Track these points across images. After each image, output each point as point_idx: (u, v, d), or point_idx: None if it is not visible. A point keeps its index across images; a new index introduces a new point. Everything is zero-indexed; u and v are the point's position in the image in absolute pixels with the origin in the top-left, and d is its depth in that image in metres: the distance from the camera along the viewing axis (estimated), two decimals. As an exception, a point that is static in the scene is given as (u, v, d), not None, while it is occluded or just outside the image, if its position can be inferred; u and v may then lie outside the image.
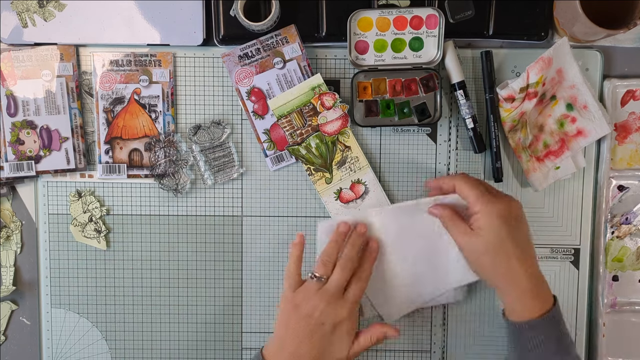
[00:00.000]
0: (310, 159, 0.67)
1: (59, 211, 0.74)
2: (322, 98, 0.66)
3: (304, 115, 0.67)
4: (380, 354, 0.76)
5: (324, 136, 0.67)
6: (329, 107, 0.67)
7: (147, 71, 0.72)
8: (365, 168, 0.68)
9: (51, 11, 0.71)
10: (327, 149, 0.67)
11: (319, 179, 0.69)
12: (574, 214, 0.74)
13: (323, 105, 0.66)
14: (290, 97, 0.67)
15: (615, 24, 0.65)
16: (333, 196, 0.70)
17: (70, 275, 0.75)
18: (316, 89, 0.67)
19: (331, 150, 0.67)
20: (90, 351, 0.76)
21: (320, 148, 0.67)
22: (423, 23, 0.70)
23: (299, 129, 0.67)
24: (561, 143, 0.71)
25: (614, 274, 0.75)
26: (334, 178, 0.68)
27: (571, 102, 0.71)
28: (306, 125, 0.67)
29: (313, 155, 0.67)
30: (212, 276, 0.75)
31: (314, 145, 0.67)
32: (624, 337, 0.75)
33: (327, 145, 0.67)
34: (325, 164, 0.68)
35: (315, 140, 0.67)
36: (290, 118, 0.66)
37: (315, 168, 0.68)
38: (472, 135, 0.72)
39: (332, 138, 0.67)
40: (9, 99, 0.72)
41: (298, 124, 0.67)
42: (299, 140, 0.67)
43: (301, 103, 0.67)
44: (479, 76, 0.73)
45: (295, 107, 0.67)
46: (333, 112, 0.67)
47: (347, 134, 0.68)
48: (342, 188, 0.69)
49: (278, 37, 0.71)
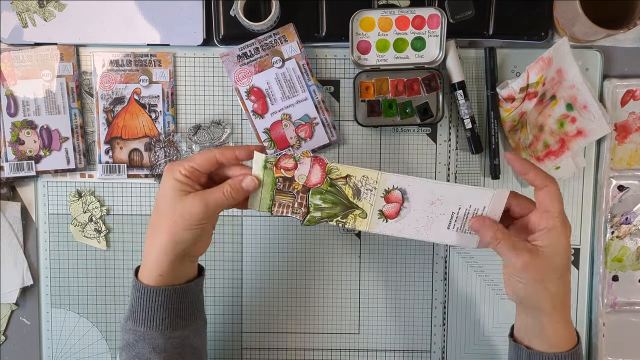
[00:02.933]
0: (330, 214, 0.60)
1: (59, 211, 0.74)
2: (280, 166, 0.58)
3: (284, 190, 0.59)
4: (380, 354, 0.76)
5: (319, 187, 0.59)
6: (295, 166, 0.58)
7: (147, 71, 0.72)
8: (380, 176, 0.59)
9: (51, 11, 0.71)
10: (333, 194, 0.59)
11: (355, 221, 0.60)
12: (574, 214, 0.74)
13: (288, 169, 0.58)
14: (258, 191, 0.59)
15: (615, 24, 0.65)
16: (381, 222, 0.60)
17: (70, 275, 0.75)
18: (268, 165, 0.58)
19: (337, 191, 0.60)
20: (90, 351, 0.76)
21: (327, 199, 0.59)
22: (425, 23, 0.70)
23: (294, 203, 0.59)
24: (561, 143, 0.71)
25: (614, 274, 0.75)
26: (365, 207, 0.59)
27: (571, 102, 0.71)
28: (297, 196, 0.59)
29: (329, 209, 0.60)
30: (212, 276, 0.75)
31: (320, 202, 0.59)
32: (624, 337, 0.75)
33: (330, 191, 0.59)
34: (345, 205, 0.60)
35: (316, 198, 0.59)
36: (276, 202, 0.59)
37: (342, 216, 0.60)
38: (469, 136, 0.72)
39: (326, 183, 0.59)
40: (9, 99, 0.72)
41: (289, 201, 0.59)
42: (304, 210, 0.59)
43: (271, 185, 0.59)
44: (479, 76, 0.73)
45: (270, 193, 0.59)
46: (303, 166, 0.59)
47: (335, 167, 0.59)
48: (380, 210, 0.60)
49: (276, 36, 0.71)
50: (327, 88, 0.73)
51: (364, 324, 0.76)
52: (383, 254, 0.75)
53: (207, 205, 0.55)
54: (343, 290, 0.76)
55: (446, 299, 0.76)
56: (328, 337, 0.76)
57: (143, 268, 0.58)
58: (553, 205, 0.55)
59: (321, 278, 0.76)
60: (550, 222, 0.54)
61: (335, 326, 0.76)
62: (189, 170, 0.56)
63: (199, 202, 0.55)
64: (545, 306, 0.55)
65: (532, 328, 0.58)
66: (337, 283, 0.76)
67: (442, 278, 0.75)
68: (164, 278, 0.57)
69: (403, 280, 0.76)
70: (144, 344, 0.57)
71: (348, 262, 0.75)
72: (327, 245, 0.75)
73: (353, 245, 0.75)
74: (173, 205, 0.56)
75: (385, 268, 0.75)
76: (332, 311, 0.76)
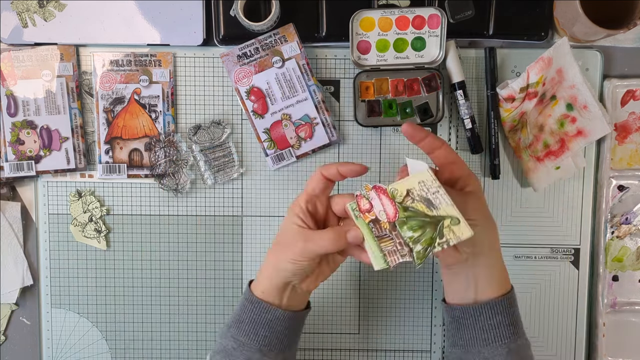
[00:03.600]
0: (428, 240, 0.53)
1: (59, 211, 0.74)
2: (362, 210, 0.55)
3: (381, 236, 0.55)
4: (380, 354, 0.76)
5: (400, 218, 0.54)
6: (370, 205, 0.55)
7: (147, 71, 0.72)
8: (430, 174, 0.53)
9: (51, 11, 0.71)
10: (414, 218, 0.54)
11: (453, 232, 0.52)
12: (574, 214, 0.74)
13: (369, 211, 0.55)
14: (368, 246, 0.55)
15: (615, 24, 0.65)
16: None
17: (70, 275, 0.75)
18: (356, 213, 0.55)
19: (414, 213, 0.54)
20: (90, 351, 0.76)
21: (413, 226, 0.54)
22: (425, 23, 0.70)
23: (396, 245, 0.55)
24: (561, 143, 0.71)
25: (614, 274, 0.75)
26: (449, 212, 0.53)
27: (571, 102, 0.71)
28: (393, 236, 0.55)
29: (423, 235, 0.54)
30: (212, 276, 0.75)
31: (412, 233, 0.54)
32: (624, 337, 0.75)
33: (410, 216, 0.54)
34: (431, 222, 0.53)
35: (405, 230, 0.54)
36: (385, 252, 0.55)
37: (439, 235, 0.53)
38: (469, 136, 0.72)
39: (401, 210, 0.53)
40: (9, 99, 0.72)
41: (391, 246, 0.55)
42: (407, 248, 0.54)
43: (370, 234, 0.55)
44: (479, 76, 0.73)
45: (374, 243, 0.55)
46: (375, 201, 0.55)
47: (394, 189, 0.54)
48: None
49: (276, 36, 0.71)
50: (327, 88, 0.73)
51: (364, 324, 0.76)
52: (383, 254, 0.75)
53: (308, 246, 0.56)
54: (343, 290, 0.76)
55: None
56: (328, 337, 0.76)
57: (257, 283, 0.60)
58: (456, 155, 0.58)
59: (321, 278, 0.75)
60: (461, 171, 0.58)
61: (335, 326, 0.76)
62: (305, 199, 0.58)
63: (300, 238, 0.56)
64: (492, 244, 0.59)
65: (480, 277, 0.58)
66: (336, 283, 0.76)
67: (442, 278, 0.75)
68: (266, 295, 0.59)
69: (403, 280, 0.76)
70: (241, 354, 0.58)
71: (348, 262, 0.75)
72: (327, 245, 0.75)
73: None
74: (286, 235, 0.58)
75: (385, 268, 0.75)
76: (332, 311, 0.76)
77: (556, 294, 0.75)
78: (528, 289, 0.76)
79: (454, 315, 0.61)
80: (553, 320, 0.76)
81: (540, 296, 0.76)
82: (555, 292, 0.75)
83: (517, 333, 0.59)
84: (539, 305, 0.76)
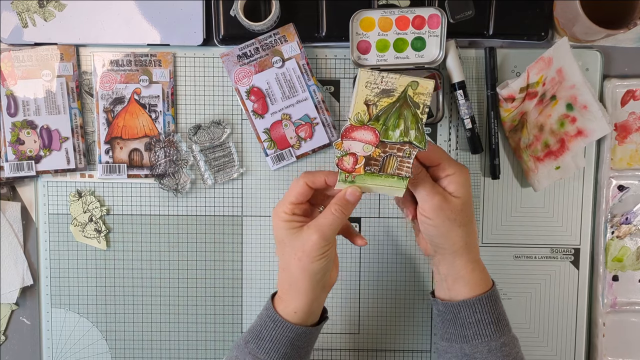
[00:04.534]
0: (413, 121, 0.53)
1: (59, 211, 0.74)
2: (349, 168, 0.55)
3: (381, 164, 0.54)
4: (380, 354, 0.76)
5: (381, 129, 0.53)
6: (354, 157, 0.54)
7: (147, 71, 0.72)
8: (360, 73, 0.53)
9: (51, 11, 0.71)
10: (387, 113, 0.53)
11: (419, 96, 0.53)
12: (574, 214, 0.74)
13: (355, 162, 0.54)
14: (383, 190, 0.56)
15: (615, 24, 0.65)
16: None
17: (70, 275, 0.75)
18: (345, 176, 0.55)
19: (386, 108, 0.53)
20: (90, 351, 0.76)
21: (392, 123, 0.53)
22: (425, 23, 0.70)
23: (396, 155, 0.54)
24: (561, 143, 0.71)
25: (614, 274, 0.75)
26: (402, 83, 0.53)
27: (571, 102, 0.71)
28: (387, 154, 0.54)
29: (402, 122, 0.53)
30: (212, 276, 0.75)
31: (398, 129, 0.53)
32: (624, 337, 0.75)
33: (386, 116, 0.53)
34: (404, 98, 0.53)
35: (390, 129, 0.53)
36: (390, 166, 0.54)
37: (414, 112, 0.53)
38: (469, 136, 0.72)
39: (376, 121, 0.53)
40: (9, 99, 0.72)
41: (394, 163, 0.54)
42: (407, 147, 0.54)
43: (373, 179, 0.55)
44: (479, 76, 0.73)
45: (382, 179, 0.55)
46: (352, 144, 0.54)
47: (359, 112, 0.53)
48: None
49: (276, 36, 0.71)
50: (327, 88, 0.73)
51: (364, 324, 0.76)
52: (383, 254, 0.75)
53: (322, 231, 0.56)
54: (343, 290, 0.76)
55: (446, 299, 0.76)
56: (328, 337, 0.76)
57: (280, 301, 0.59)
58: (441, 155, 0.57)
59: (321, 278, 0.75)
60: (450, 170, 0.57)
61: (335, 326, 0.76)
62: (290, 208, 0.57)
63: (313, 232, 0.56)
64: (458, 245, 0.58)
65: (448, 276, 0.60)
66: (337, 283, 0.75)
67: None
68: (299, 315, 0.58)
69: (403, 280, 0.76)
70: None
71: (348, 262, 0.75)
72: (327, 245, 0.75)
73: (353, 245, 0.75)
74: (292, 244, 0.57)
75: (385, 268, 0.75)
76: (332, 311, 0.76)
77: (556, 294, 0.75)
78: (528, 289, 0.76)
79: (438, 309, 0.62)
80: (553, 320, 0.76)
81: (540, 296, 0.76)
82: (555, 292, 0.75)
83: (499, 331, 0.58)
84: (539, 305, 0.76)
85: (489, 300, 0.59)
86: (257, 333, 0.59)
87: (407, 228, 0.75)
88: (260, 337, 0.59)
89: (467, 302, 0.58)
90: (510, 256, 0.75)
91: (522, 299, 0.76)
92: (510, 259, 0.75)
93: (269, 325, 0.59)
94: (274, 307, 0.59)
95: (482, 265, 0.61)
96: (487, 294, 0.59)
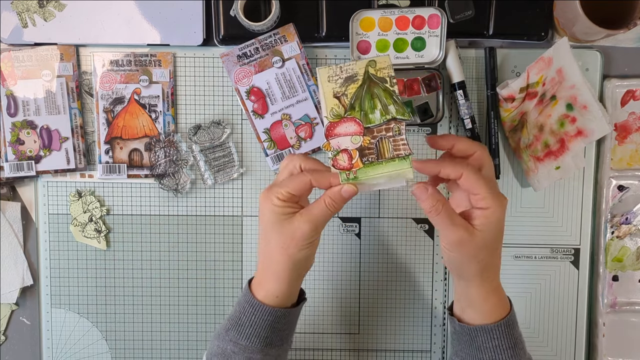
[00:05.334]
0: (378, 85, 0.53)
1: (59, 211, 0.74)
2: (343, 166, 0.54)
3: (378, 150, 0.54)
4: (380, 354, 0.76)
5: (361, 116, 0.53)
6: (348, 153, 0.54)
7: (147, 71, 0.72)
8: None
9: (51, 11, 0.71)
10: (366, 95, 0.53)
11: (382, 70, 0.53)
12: (574, 214, 0.74)
13: (350, 158, 0.54)
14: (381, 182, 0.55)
15: (615, 24, 0.65)
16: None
17: (70, 275, 0.75)
18: (345, 174, 0.55)
19: (357, 94, 0.53)
20: (90, 351, 0.76)
21: (368, 100, 0.53)
22: (425, 23, 0.70)
23: (387, 137, 0.54)
24: (561, 143, 0.71)
25: (614, 274, 0.75)
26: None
27: (571, 102, 0.71)
28: (376, 135, 0.54)
29: (375, 90, 0.53)
30: (212, 276, 0.75)
31: (377, 110, 0.53)
32: (624, 337, 0.75)
33: (361, 101, 0.53)
34: (368, 78, 0.53)
35: (369, 111, 0.53)
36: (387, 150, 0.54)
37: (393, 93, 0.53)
38: (469, 136, 0.72)
39: (352, 110, 0.53)
40: (9, 99, 0.72)
41: (387, 138, 0.54)
42: (396, 125, 0.53)
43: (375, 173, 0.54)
44: (479, 76, 0.73)
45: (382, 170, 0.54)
46: (343, 140, 0.54)
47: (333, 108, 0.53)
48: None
49: (276, 36, 0.71)
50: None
51: (364, 324, 0.76)
52: (383, 254, 0.75)
53: (313, 221, 0.56)
54: (343, 290, 0.76)
55: (446, 299, 0.76)
56: (328, 337, 0.76)
57: (259, 287, 0.59)
58: (481, 188, 0.54)
59: (321, 278, 0.76)
60: (485, 203, 0.54)
61: (335, 326, 0.76)
62: (285, 196, 0.56)
63: (305, 221, 0.56)
64: (473, 276, 0.57)
65: (464, 299, 0.59)
66: (337, 283, 0.76)
67: (442, 278, 0.75)
68: (280, 299, 0.58)
69: (403, 280, 0.76)
70: (242, 356, 0.58)
71: (348, 262, 0.75)
72: (327, 245, 0.75)
73: (353, 245, 0.75)
74: (280, 230, 0.56)
75: (385, 268, 0.75)
76: (332, 311, 0.76)
77: (556, 294, 0.75)
78: (528, 289, 0.76)
79: (454, 328, 0.61)
80: (553, 320, 0.76)
81: (540, 296, 0.76)
82: (555, 292, 0.75)
83: (516, 355, 0.58)
84: (539, 305, 0.76)
85: (507, 327, 0.58)
86: (237, 320, 0.59)
87: (407, 228, 0.75)
88: (240, 324, 0.58)
89: (485, 327, 0.58)
90: (510, 256, 0.75)
91: (522, 299, 0.76)
92: (510, 259, 0.75)
93: (247, 311, 0.58)
94: (252, 293, 0.59)
95: (500, 292, 0.60)
96: (504, 321, 0.58)
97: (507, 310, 0.59)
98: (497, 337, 0.57)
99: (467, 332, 0.59)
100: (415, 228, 0.75)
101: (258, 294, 0.59)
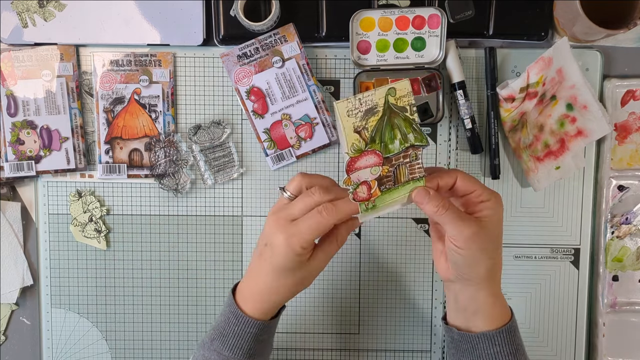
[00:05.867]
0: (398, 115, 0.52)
1: (59, 211, 0.74)
2: (363, 197, 0.54)
3: (395, 178, 0.54)
4: (380, 354, 0.76)
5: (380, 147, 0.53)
6: (366, 185, 0.53)
7: (147, 71, 0.72)
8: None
9: (51, 11, 0.71)
10: (386, 126, 0.52)
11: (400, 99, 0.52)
12: (574, 214, 0.74)
13: (369, 189, 0.54)
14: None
15: (615, 24, 0.65)
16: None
17: (70, 275, 0.75)
18: (365, 205, 0.54)
19: (377, 125, 0.52)
20: (90, 351, 0.76)
21: (388, 132, 0.52)
22: (425, 23, 0.70)
23: (404, 163, 0.54)
24: (561, 143, 0.71)
25: (614, 274, 0.75)
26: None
27: (571, 102, 0.71)
28: (394, 163, 0.54)
29: (395, 121, 0.52)
30: (212, 276, 0.75)
31: (396, 139, 0.53)
32: (624, 337, 0.75)
33: (380, 132, 0.52)
34: (388, 109, 0.52)
35: (389, 141, 0.53)
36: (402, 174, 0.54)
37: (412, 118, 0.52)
38: (469, 136, 0.72)
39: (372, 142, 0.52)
40: (9, 99, 0.72)
41: (405, 164, 0.54)
42: (412, 153, 0.54)
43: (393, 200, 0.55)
44: (479, 76, 0.73)
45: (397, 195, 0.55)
46: (360, 174, 0.53)
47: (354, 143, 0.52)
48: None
49: (276, 36, 0.71)
50: (327, 88, 0.73)
51: (364, 324, 0.76)
52: (383, 254, 0.75)
53: (330, 257, 0.58)
54: (343, 290, 0.76)
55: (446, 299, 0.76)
56: (328, 337, 0.76)
57: (245, 301, 0.58)
58: (475, 184, 0.56)
59: (321, 278, 0.76)
60: (484, 197, 0.55)
61: (335, 326, 0.76)
62: (310, 244, 0.55)
63: (325, 259, 0.57)
64: (482, 277, 0.57)
65: (468, 307, 0.58)
66: (337, 283, 0.76)
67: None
68: (265, 315, 0.59)
69: (403, 280, 0.76)
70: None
71: (348, 262, 0.75)
72: (327, 245, 0.75)
73: (353, 245, 0.75)
74: (294, 274, 0.56)
75: (385, 268, 0.75)
76: (332, 311, 0.76)
77: (556, 294, 0.75)
78: (528, 289, 0.76)
79: (453, 337, 0.60)
80: (553, 320, 0.76)
81: (540, 296, 0.76)
82: (555, 292, 0.75)
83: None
84: (539, 305, 0.76)
85: (509, 333, 0.58)
86: (222, 330, 0.59)
87: (407, 228, 0.75)
88: (224, 334, 0.58)
89: (487, 334, 0.57)
90: (510, 256, 0.75)
91: (522, 299, 0.76)
92: (510, 259, 0.75)
93: (232, 321, 0.58)
94: (237, 304, 0.59)
95: (503, 297, 0.60)
96: (507, 327, 0.58)
97: (509, 316, 0.59)
98: (498, 343, 0.57)
99: (467, 340, 0.58)
100: (415, 228, 0.75)
101: (243, 306, 0.58)
